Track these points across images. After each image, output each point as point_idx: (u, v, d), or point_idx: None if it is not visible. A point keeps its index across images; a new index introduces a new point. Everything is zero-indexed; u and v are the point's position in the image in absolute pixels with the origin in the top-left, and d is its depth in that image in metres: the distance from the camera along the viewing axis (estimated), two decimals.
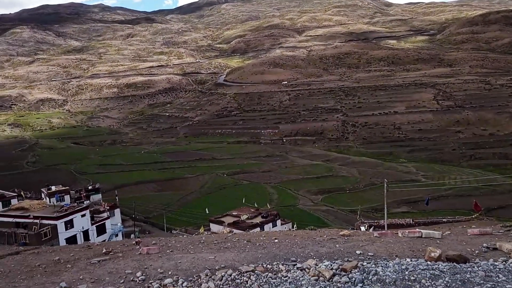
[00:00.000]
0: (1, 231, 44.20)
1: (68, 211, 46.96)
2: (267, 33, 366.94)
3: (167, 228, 67.19)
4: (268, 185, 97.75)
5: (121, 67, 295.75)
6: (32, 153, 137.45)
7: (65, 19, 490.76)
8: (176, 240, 9.63)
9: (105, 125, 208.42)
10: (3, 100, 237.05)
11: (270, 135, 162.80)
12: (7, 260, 7.73)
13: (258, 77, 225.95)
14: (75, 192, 68.07)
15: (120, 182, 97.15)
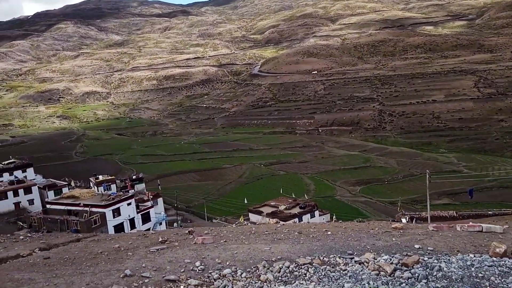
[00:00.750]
0: (54, 218, 46.48)
1: (115, 199, 48.61)
2: (300, 23, 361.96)
3: (207, 217, 68.34)
4: (304, 175, 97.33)
5: (160, 60, 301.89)
6: (80, 144, 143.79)
7: (106, 14, 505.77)
8: (227, 230, 9.70)
9: (146, 117, 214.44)
10: (52, 93, 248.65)
11: (306, 126, 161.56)
12: (70, 247, 8.05)
13: (292, 67, 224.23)
14: (121, 182, 70.66)
15: (162, 172, 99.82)
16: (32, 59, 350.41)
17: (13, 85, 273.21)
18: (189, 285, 5.61)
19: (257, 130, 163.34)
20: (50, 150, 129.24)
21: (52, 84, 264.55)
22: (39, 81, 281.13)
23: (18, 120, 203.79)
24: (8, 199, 62.44)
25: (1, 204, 61.45)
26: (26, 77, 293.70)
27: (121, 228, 47.80)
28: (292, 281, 5.86)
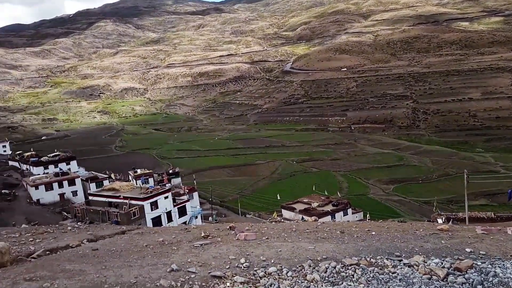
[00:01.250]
0: (96, 209, 48.14)
1: (153, 193, 49.73)
2: (332, 19, 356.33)
3: (241, 212, 68.89)
4: (337, 173, 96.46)
5: (194, 57, 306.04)
6: (119, 138, 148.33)
7: (143, 12, 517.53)
8: (268, 227, 9.62)
9: (181, 112, 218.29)
10: (93, 89, 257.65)
11: (338, 123, 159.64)
12: (116, 239, 8.20)
13: (324, 63, 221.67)
14: (158, 175, 72.42)
15: (197, 166, 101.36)
16: (74, 56, 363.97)
17: (57, 81, 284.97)
18: (235, 282, 5.57)
19: (289, 127, 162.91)
20: (91, 144, 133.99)
21: (93, 81, 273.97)
22: (81, 77, 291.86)
23: (62, 114, 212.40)
24: (54, 190, 65.39)
25: (47, 195, 64.45)
26: (69, 74, 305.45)
27: (159, 220, 48.88)
28: (339, 282, 5.71)
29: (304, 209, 60.77)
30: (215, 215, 63.03)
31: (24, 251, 6.74)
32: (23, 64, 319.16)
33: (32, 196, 64.39)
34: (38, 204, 62.58)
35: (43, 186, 64.70)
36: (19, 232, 8.46)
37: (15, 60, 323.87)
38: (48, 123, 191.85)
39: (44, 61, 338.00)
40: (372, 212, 63.56)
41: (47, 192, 64.57)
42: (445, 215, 48.78)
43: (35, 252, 6.58)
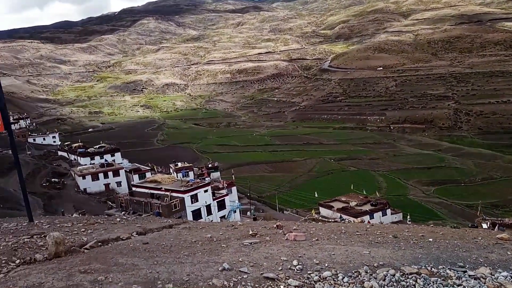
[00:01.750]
0: (139, 200, 49.49)
1: (193, 186, 50.48)
2: (371, 18, 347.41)
3: (279, 208, 68.91)
4: (376, 172, 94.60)
5: (233, 54, 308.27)
6: (160, 132, 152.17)
7: (184, 10, 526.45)
8: (316, 227, 9.31)
9: (220, 108, 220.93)
10: (136, 84, 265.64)
11: (377, 122, 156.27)
12: (164, 233, 8.17)
13: (363, 62, 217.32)
14: (198, 169, 73.59)
15: (235, 162, 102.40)
16: (118, 52, 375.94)
17: (103, 75, 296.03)
18: (289, 285, 5.33)
19: (327, 125, 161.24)
20: (134, 136, 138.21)
21: (136, 76, 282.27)
22: (125, 72, 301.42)
23: (107, 108, 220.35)
24: (99, 180, 68.03)
25: (93, 185, 67.16)
26: (113, 69, 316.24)
27: (198, 213, 49.60)
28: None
29: (342, 207, 60.02)
30: (253, 210, 63.29)
31: (77, 242, 6.81)
32: (71, 59, 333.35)
33: (80, 185, 67.23)
34: (85, 193, 65.30)
35: (90, 176, 67.50)
36: (72, 222, 8.61)
37: (64, 56, 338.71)
38: (94, 116, 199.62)
39: (91, 56, 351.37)
40: (412, 213, 61.93)
41: (93, 182, 67.30)
42: (490, 220, 46.50)
43: (88, 243, 6.62)
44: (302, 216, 63.44)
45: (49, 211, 50.36)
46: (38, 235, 6.86)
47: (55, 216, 10.74)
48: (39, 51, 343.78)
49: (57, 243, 5.88)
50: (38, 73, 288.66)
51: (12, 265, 5.49)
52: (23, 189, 8.40)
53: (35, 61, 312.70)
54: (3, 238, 6.88)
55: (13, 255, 5.95)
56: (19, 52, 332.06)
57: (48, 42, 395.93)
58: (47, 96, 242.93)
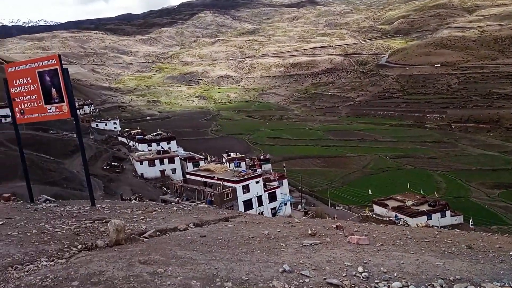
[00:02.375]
0: (192, 187, 50.81)
1: (245, 176, 50.96)
2: (433, 13, 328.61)
3: (330, 204, 67.96)
4: (435, 172, 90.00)
5: (287, 48, 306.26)
6: (214, 123, 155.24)
7: (240, 4, 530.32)
8: (378, 230, 8.72)
9: (273, 101, 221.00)
10: (192, 75, 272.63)
11: (437, 120, 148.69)
12: (221, 226, 7.99)
13: (423, 58, 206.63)
14: (250, 160, 74.20)
15: (287, 154, 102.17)
16: (177, 44, 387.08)
17: (161, 66, 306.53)
18: None
19: (383, 121, 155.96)
20: (189, 126, 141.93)
21: (193, 67, 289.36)
22: (182, 64, 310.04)
23: (164, 97, 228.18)
24: (156, 166, 70.71)
25: (150, 170, 69.94)
26: (171, 60, 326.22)
27: (250, 204, 50.11)
28: None
29: (398, 206, 58.03)
30: (304, 203, 62.79)
31: (136, 229, 6.79)
32: (132, 50, 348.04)
33: (137, 170, 70.23)
34: (141, 178, 68.11)
35: (147, 162, 70.29)
36: (131, 208, 8.68)
37: (126, 46, 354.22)
38: (152, 105, 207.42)
39: (150, 48, 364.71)
40: (475, 217, 58.53)
41: (150, 168, 70.03)
42: None
43: (147, 232, 6.58)
44: (354, 213, 61.98)
45: (109, 193, 53.05)
46: (99, 220, 6.94)
47: (115, 201, 10.98)
48: (103, 41, 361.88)
49: (118, 230, 5.85)
50: (102, 62, 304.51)
51: (74, 250, 5.52)
52: (86, 175, 8.61)
53: (100, 51, 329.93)
54: (66, 222, 7.02)
55: (75, 239, 6.00)
56: (85, 42, 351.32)
57: (111, 33, 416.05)
58: (110, 84, 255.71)
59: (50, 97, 8.13)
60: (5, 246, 5.38)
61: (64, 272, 4.57)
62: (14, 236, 5.96)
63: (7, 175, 48.22)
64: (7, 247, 5.35)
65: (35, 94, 8.30)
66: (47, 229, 6.42)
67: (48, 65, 8.02)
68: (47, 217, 7.24)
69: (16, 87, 8.50)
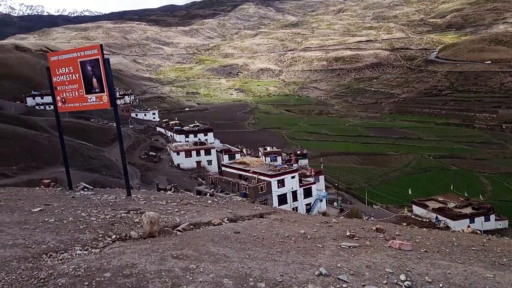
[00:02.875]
0: (227, 180, 51.19)
1: (281, 171, 50.74)
2: (489, 7, 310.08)
3: (367, 202, 66.67)
4: (481, 174, 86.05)
5: (331, 41, 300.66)
6: (252, 116, 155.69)
7: None
8: (422, 235, 8.23)
9: (313, 96, 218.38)
10: (232, 67, 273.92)
11: (487, 120, 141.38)
12: (256, 223, 7.79)
13: (476, 55, 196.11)
14: (286, 155, 73.87)
15: (325, 150, 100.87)
16: (218, 36, 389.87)
17: (202, 58, 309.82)
18: None
19: (428, 120, 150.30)
20: (227, 118, 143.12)
21: (233, 60, 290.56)
22: (222, 56, 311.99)
23: (204, 89, 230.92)
24: (192, 157, 71.87)
25: (186, 161, 71.19)
26: (212, 52, 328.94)
27: (284, 198, 49.91)
28: None
29: (439, 208, 56.08)
30: (341, 201, 61.87)
31: (170, 222, 6.72)
32: (174, 41, 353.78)
33: (174, 161, 71.63)
34: (178, 168, 69.41)
35: (184, 152, 71.49)
36: (166, 200, 8.66)
37: (168, 38, 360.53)
38: (191, 96, 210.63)
39: (192, 39, 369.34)
40: None
41: (186, 158, 71.20)
42: None
43: (181, 225, 6.48)
44: (392, 212, 60.35)
45: (145, 181, 54.46)
46: (134, 211, 6.94)
47: (151, 191, 11.05)
48: (146, 32, 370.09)
49: (152, 222, 5.78)
50: (143, 53, 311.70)
51: (108, 240, 5.50)
52: (124, 165, 8.66)
53: (142, 42, 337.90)
54: (102, 211, 7.08)
55: (109, 229, 6.00)
56: (127, 32, 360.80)
57: (154, 24, 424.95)
58: (150, 75, 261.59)
59: (91, 86, 8.22)
60: (41, 233, 5.44)
61: (97, 262, 4.54)
62: (51, 223, 6.05)
63: (50, 161, 50.46)
64: (43, 234, 5.41)
65: (76, 84, 8.42)
66: (83, 218, 6.49)
67: (90, 55, 8.09)
68: (84, 205, 7.34)
69: (59, 76, 8.66)
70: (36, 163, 49.52)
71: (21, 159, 49.38)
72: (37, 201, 7.41)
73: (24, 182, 41.31)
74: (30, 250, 4.74)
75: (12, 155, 49.18)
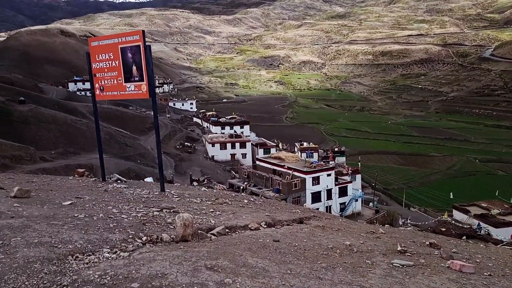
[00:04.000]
0: (261, 174, 50.77)
1: (317, 168, 49.74)
2: None
3: (405, 204, 64.57)
4: None
5: (379, 35, 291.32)
6: (290, 110, 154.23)
7: None
8: (482, 254, 7.35)
9: (356, 91, 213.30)
10: (273, 59, 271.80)
11: None
12: (295, 230, 7.21)
13: None
14: (323, 151, 72.45)
15: (364, 148, 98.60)
16: (261, 26, 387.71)
17: (243, 48, 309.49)
18: None
19: (477, 120, 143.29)
20: (265, 111, 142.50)
21: (275, 51, 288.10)
22: (264, 47, 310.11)
23: (243, 80, 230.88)
24: (227, 150, 72.06)
25: (220, 153, 71.48)
26: (254, 43, 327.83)
27: (318, 196, 49.00)
28: None
29: (481, 214, 53.08)
30: (377, 201, 60.18)
31: (204, 224, 6.29)
32: (216, 30, 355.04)
33: (208, 152, 72.11)
34: (212, 160, 69.84)
35: (219, 144, 71.77)
36: (200, 198, 8.25)
37: (210, 26, 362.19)
38: (229, 87, 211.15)
39: (234, 29, 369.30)
40: None
41: (221, 151, 71.48)
42: None
43: (215, 228, 6.01)
44: (431, 216, 58.04)
45: (179, 172, 55.08)
46: (167, 209, 6.54)
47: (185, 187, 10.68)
48: (189, 20, 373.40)
49: (185, 225, 5.35)
50: (185, 41, 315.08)
51: (138, 242, 5.11)
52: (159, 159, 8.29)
53: (184, 30, 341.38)
54: (134, 208, 6.72)
55: (140, 230, 5.62)
56: (170, 20, 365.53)
57: (197, 12, 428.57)
58: (190, 64, 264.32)
59: (130, 74, 7.85)
60: (69, 230, 5.12)
61: (125, 269, 4.14)
62: (80, 219, 5.73)
63: (88, 147, 52.01)
64: (71, 231, 5.08)
65: (115, 71, 8.07)
66: (114, 214, 6.14)
67: (131, 41, 7.69)
68: (116, 199, 7.01)
69: (98, 62, 8.33)
70: (74, 148, 51.09)
71: (59, 143, 51.06)
72: (68, 193, 7.16)
73: (62, 167, 42.77)
74: (55, 250, 4.41)
75: (51, 140, 50.97)
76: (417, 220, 52.30)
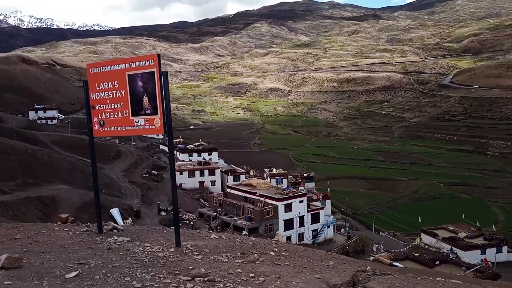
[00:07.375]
0: (232, 202, 49.29)
1: (289, 195, 48.94)
2: (509, 32, 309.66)
3: (375, 229, 64.71)
4: (493, 203, 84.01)
5: (343, 62, 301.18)
6: (258, 136, 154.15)
7: (298, 16, 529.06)
8: None
9: (322, 117, 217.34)
10: (240, 86, 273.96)
11: (500, 148, 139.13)
12: None
13: (492, 80, 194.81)
14: (293, 177, 71.98)
15: (331, 173, 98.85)
16: (228, 54, 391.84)
17: (210, 76, 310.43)
18: None
19: (439, 145, 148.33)
20: (232, 138, 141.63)
21: (242, 78, 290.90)
22: (231, 74, 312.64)
23: (210, 107, 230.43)
24: (195, 177, 69.79)
25: (189, 181, 69.06)
26: (221, 70, 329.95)
27: (291, 224, 48.23)
28: None
29: (449, 237, 53.95)
30: (348, 227, 59.93)
31: None
32: (183, 58, 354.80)
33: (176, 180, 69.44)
34: (180, 188, 67.35)
35: (187, 172, 69.37)
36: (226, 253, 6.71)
37: (177, 54, 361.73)
38: (196, 114, 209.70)
39: (201, 56, 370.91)
40: None
41: (189, 178, 69.09)
42: None
43: None
44: (401, 241, 58.16)
45: (146, 201, 52.73)
46: (200, 278, 5.12)
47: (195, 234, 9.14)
48: (155, 48, 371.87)
49: None
50: None
51: None
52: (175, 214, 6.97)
53: None
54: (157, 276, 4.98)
55: None
56: (136, 48, 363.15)
57: (164, 40, 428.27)
58: None
59: (139, 106, 6.57)
60: None
61: None
62: None
63: (49, 177, 49.04)
64: None
65: (121, 102, 6.75)
66: None
67: (142, 67, 6.39)
68: (129, 263, 5.37)
69: (98, 92, 6.97)
70: (34, 179, 47.96)
71: (19, 174, 47.88)
72: (66, 256, 5.50)
73: (22, 200, 39.79)
74: None
75: (10, 171, 47.72)
76: (389, 245, 52.11)
